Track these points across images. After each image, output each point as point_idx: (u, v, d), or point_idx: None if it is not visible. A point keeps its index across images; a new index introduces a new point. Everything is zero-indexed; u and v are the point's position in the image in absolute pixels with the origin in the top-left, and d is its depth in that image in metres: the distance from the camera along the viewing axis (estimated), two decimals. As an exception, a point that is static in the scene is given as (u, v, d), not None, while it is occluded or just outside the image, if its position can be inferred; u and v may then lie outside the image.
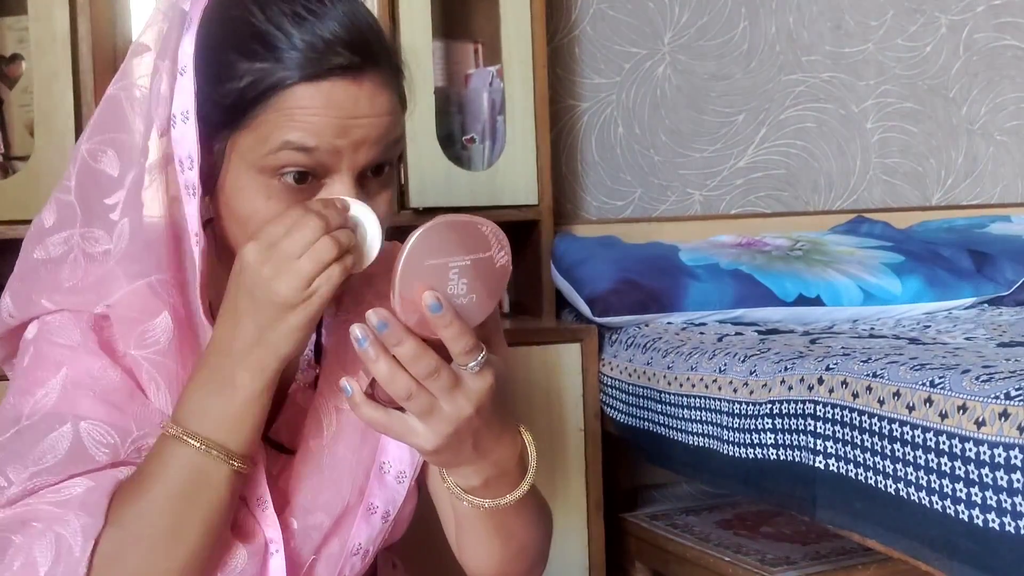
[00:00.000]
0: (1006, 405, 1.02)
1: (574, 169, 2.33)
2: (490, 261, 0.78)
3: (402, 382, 0.75)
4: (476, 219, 0.77)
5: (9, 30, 1.77)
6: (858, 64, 2.58)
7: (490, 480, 0.85)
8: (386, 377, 0.75)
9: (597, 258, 1.98)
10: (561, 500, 1.81)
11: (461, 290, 0.76)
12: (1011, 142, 2.75)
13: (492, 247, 0.78)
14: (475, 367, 0.77)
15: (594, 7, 2.33)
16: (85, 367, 0.84)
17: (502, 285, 0.80)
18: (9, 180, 1.70)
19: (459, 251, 0.76)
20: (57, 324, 0.86)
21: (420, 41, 1.91)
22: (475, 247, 0.77)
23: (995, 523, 1.01)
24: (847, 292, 1.95)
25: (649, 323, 1.87)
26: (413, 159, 1.89)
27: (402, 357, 0.75)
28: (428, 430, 0.78)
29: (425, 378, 0.76)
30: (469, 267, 0.76)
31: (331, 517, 0.92)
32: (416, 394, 0.76)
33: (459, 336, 0.75)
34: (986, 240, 2.25)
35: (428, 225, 0.75)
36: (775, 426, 1.37)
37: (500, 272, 0.78)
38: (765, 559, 1.68)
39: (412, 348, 0.75)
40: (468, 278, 0.76)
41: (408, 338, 0.75)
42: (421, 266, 0.74)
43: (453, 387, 0.77)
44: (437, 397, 0.77)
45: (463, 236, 0.76)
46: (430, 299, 0.74)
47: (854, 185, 2.59)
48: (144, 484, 0.80)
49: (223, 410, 0.80)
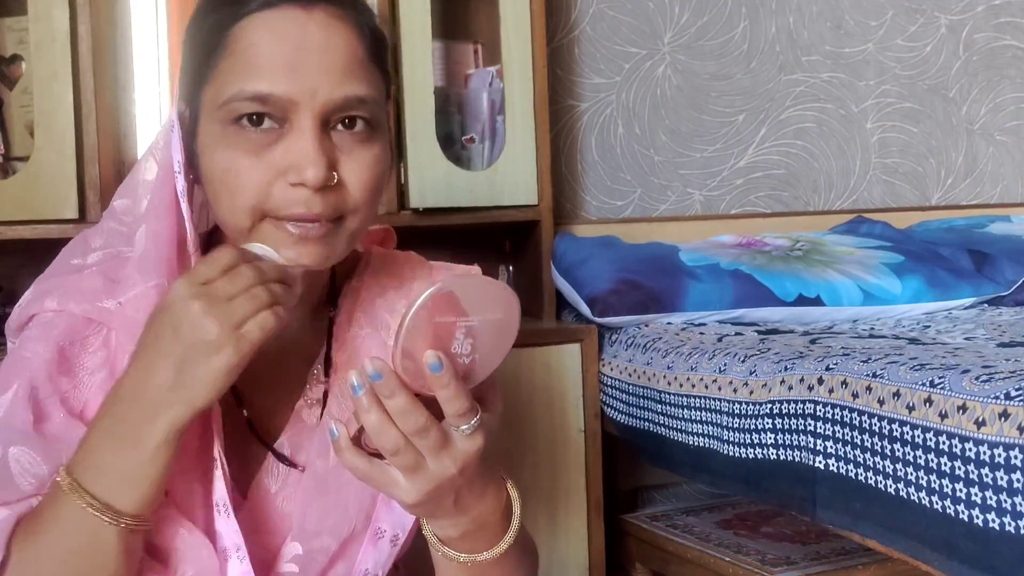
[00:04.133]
0: (1006, 405, 1.02)
1: (574, 169, 2.33)
2: (500, 323, 0.75)
3: (391, 436, 0.73)
4: (490, 281, 0.76)
5: (9, 31, 1.77)
6: (858, 64, 2.58)
7: (468, 533, 0.83)
8: (375, 429, 0.74)
9: (597, 258, 1.98)
10: (561, 500, 1.81)
11: (465, 350, 0.74)
12: (1011, 142, 2.75)
13: (503, 309, 0.75)
14: (467, 430, 0.75)
15: (594, 7, 2.33)
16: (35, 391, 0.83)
17: (509, 345, 0.77)
18: (9, 180, 1.70)
19: (469, 311, 0.73)
20: (32, 336, 0.86)
21: (420, 41, 1.91)
22: (487, 308, 0.74)
23: (995, 523, 1.01)
24: (847, 292, 1.95)
25: (649, 323, 1.87)
26: (413, 159, 1.89)
27: (393, 411, 0.73)
28: (410, 485, 0.76)
29: (414, 435, 0.74)
30: (477, 328, 0.74)
31: (337, 541, 0.90)
32: (403, 450, 0.74)
33: (455, 398, 0.73)
34: (986, 240, 2.25)
35: (443, 281, 0.73)
36: (775, 426, 1.37)
37: (508, 333, 0.76)
38: (765, 559, 1.68)
39: (404, 403, 0.73)
40: (474, 338, 0.74)
41: (401, 393, 0.73)
42: (429, 323, 0.72)
43: (441, 447, 0.75)
44: (423, 455, 0.75)
45: (475, 296, 0.74)
46: (432, 359, 0.72)
47: (854, 185, 2.59)
48: (40, 531, 0.78)
49: (120, 468, 0.77)
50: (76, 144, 1.69)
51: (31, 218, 1.68)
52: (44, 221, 1.68)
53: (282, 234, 0.82)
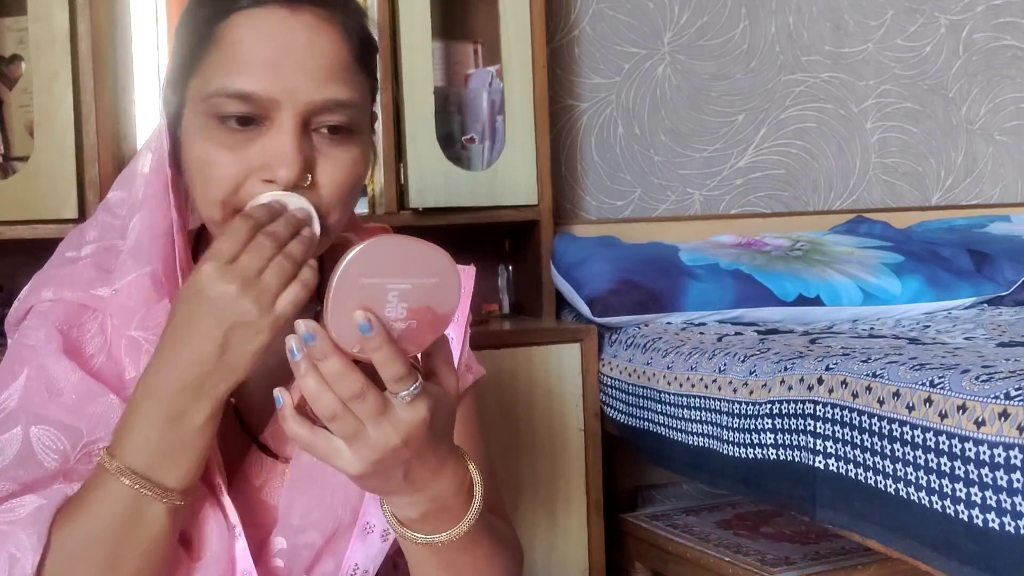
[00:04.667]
0: (1006, 405, 1.02)
1: (573, 169, 2.33)
2: (436, 289, 0.72)
3: (327, 401, 0.71)
4: (426, 244, 0.72)
5: (9, 30, 1.77)
6: (858, 64, 2.58)
7: (428, 514, 0.81)
8: (312, 393, 0.71)
9: (597, 258, 1.98)
10: (561, 500, 1.81)
11: (400, 314, 0.71)
12: (1011, 142, 2.75)
13: (441, 275, 0.72)
14: (406, 396, 0.72)
15: (594, 7, 2.33)
16: (45, 370, 0.84)
17: (449, 313, 0.73)
18: (9, 180, 1.70)
19: (402, 273, 0.70)
20: (32, 324, 0.88)
21: (420, 41, 1.91)
22: (421, 272, 0.71)
23: (995, 523, 1.01)
24: (847, 292, 1.95)
25: (649, 323, 1.87)
26: (413, 159, 1.89)
27: (326, 374, 0.71)
28: (353, 455, 0.73)
29: (350, 400, 0.71)
30: (411, 292, 0.71)
31: (323, 536, 0.90)
32: (341, 416, 0.72)
33: (390, 361, 0.71)
34: (986, 240, 2.25)
35: (371, 240, 0.70)
36: (775, 426, 1.37)
37: (447, 300, 0.73)
38: (765, 559, 1.68)
39: (337, 366, 0.70)
40: (409, 303, 0.71)
41: (334, 355, 0.70)
42: (357, 283, 0.69)
43: (379, 414, 0.72)
44: (363, 422, 0.72)
45: (409, 259, 0.71)
46: (360, 318, 0.69)
47: (854, 185, 2.59)
48: (82, 513, 0.79)
49: (163, 444, 0.78)
50: (76, 144, 1.69)
51: (31, 218, 1.68)
52: (44, 221, 1.68)
53: None
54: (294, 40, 0.82)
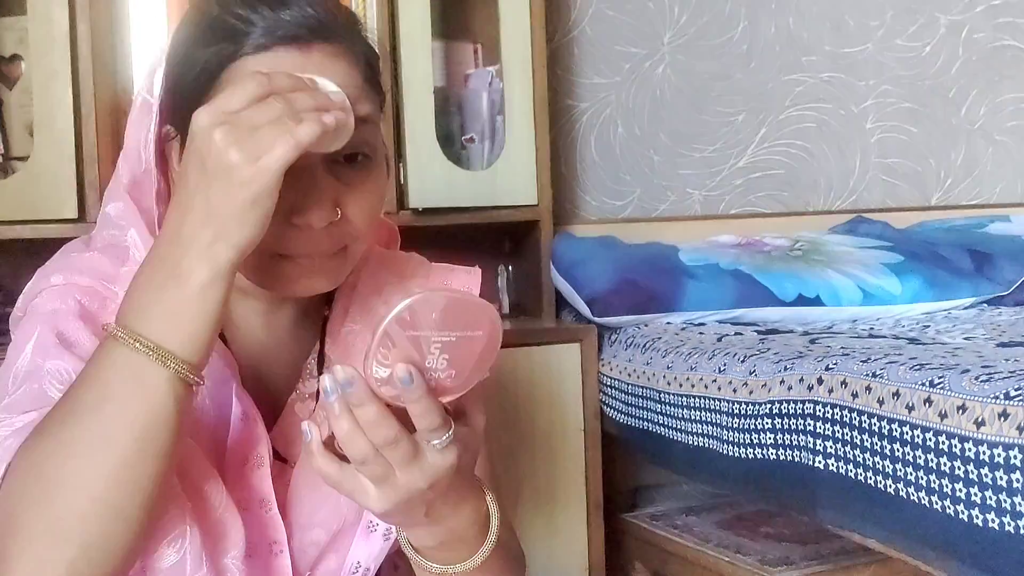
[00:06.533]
0: (1005, 405, 1.02)
1: (573, 169, 2.33)
2: (479, 342, 0.72)
3: (360, 445, 0.71)
4: (474, 299, 0.72)
5: (9, 30, 1.77)
6: (858, 64, 2.58)
7: (445, 543, 0.82)
8: (345, 437, 0.71)
9: (596, 258, 1.98)
10: (561, 500, 1.81)
11: (441, 364, 0.71)
12: (1010, 142, 2.75)
13: (484, 328, 0.72)
14: (439, 445, 0.73)
15: (594, 7, 2.33)
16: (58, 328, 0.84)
17: (488, 364, 0.73)
18: (9, 180, 1.70)
19: (447, 326, 0.70)
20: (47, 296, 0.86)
21: (419, 41, 1.91)
22: (466, 325, 0.71)
23: (995, 523, 1.01)
24: (846, 292, 1.95)
25: (648, 323, 1.87)
26: (412, 159, 1.89)
27: (362, 420, 0.71)
28: (379, 495, 0.74)
29: (383, 446, 0.71)
30: (454, 344, 0.71)
31: (328, 533, 0.90)
32: (372, 460, 0.72)
33: (427, 413, 0.71)
34: (985, 240, 2.25)
35: (421, 296, 0.70)
36: (775, 426, 1.37)
37: (487, 353, 0.73)
38: (765, 559, 1.68)
39: (374, 414, 0.70)
40: (451, 354, 0.71)
41: (371, 403, 0.70)
42: (403, 335, 0.70)
43: (411, 460, 0.73)
44: (393, 466, 0.73)
45: (456, 313, 0.71)
46: (402, 372, 0.69)
47: (854, 185, 2.59)
48: (74, 388, 0.76)
49: (166, 306, 0.74)
50: (76, 144, 1.69)
51: (31, 218, 1.68)
52: (43, 221, 1.68)
53: (288, 267, 0.83)
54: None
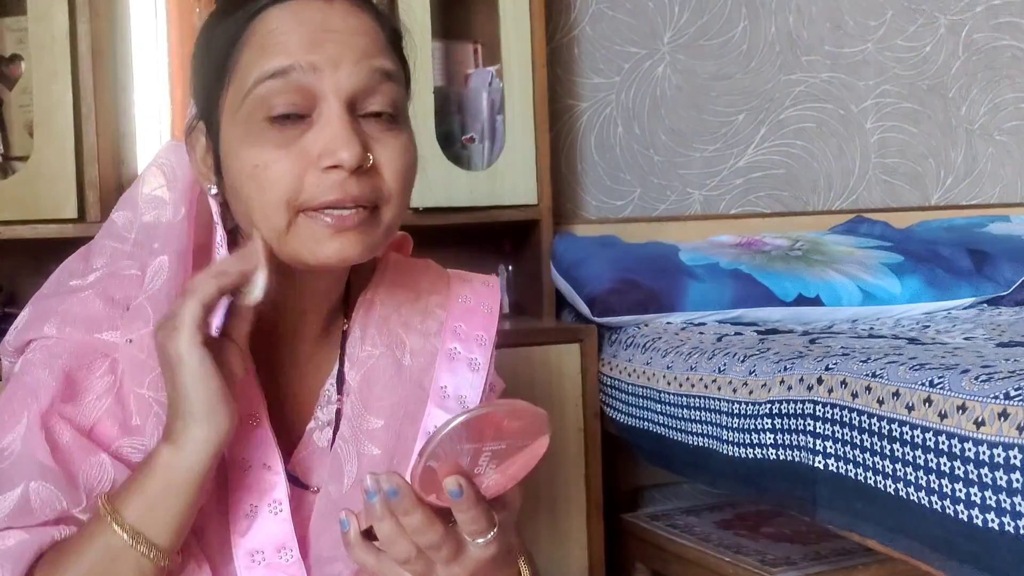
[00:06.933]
0: (1005, 405, 1.02)
1: (573, 169, 2.33)
2: (527, 449, 0.72)
3: (403, 547, 0.72)
4: (527, 408, 0.71)
5: (9, 30, 1.77)
6: (858, 64, 2.58)
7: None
8: (388, 539, 0.72)
9: (597, 258, 1.98)
10: (561, 500, 1.81)
11: (489, 470, 0.72)
12: (1010, 142, 2.75)
13: (534, 435, 0.72)
14: (483, 543, 0.73)
15: (593, 7, 2.33)
16: (46, 419, 0.81)
17: (533, 464, 0.74)
18: (9, 180, 1.70)
19: (497, 436, 0.71)
20: (35, 361, 0.84)
21: (420, 41, 1.89)
22: (515, 435, 0.71)
23: (995, 523, 1.01)
24: (846, 292, 1.95)
25: (649, 323, 1.87)
26: (413, 159, 1.89)
27: (407, 526, 0.71)
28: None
29: (427, 548, 0.72)
30: (503, 451, 0.71)
31: (349, 568, 0.88)
32: (415, 560, 0.73)
33: (475, 520, 0.72)
34: (985, 240, 2.25)
35: (477, 411, 0.70)
36: (775, 426, 1.37)
37: (534, 455, 0.73)
38: (765, 559, 1.68)
39: (420, 522, 0.71)
40: (499, 460, 0.72)
41: (417, 510, 0.71)
42: (455, 448, 0.70)
43: (454, 559, 0.73)
44: (435, 563, 0.74)
45: (507, 423, 0.71)
46: (453, 485, 0.70)
47: (853, 185, 2.59)
48: (66, 557, 0.78)
49: (144, 492, 0.77)
50: (75, 144, 1.69)
51: (31, 218, 1.68)
52: (44, 221, 1.68)
53: (318, 227, 0.79)
54: (331, 23, 0.80)
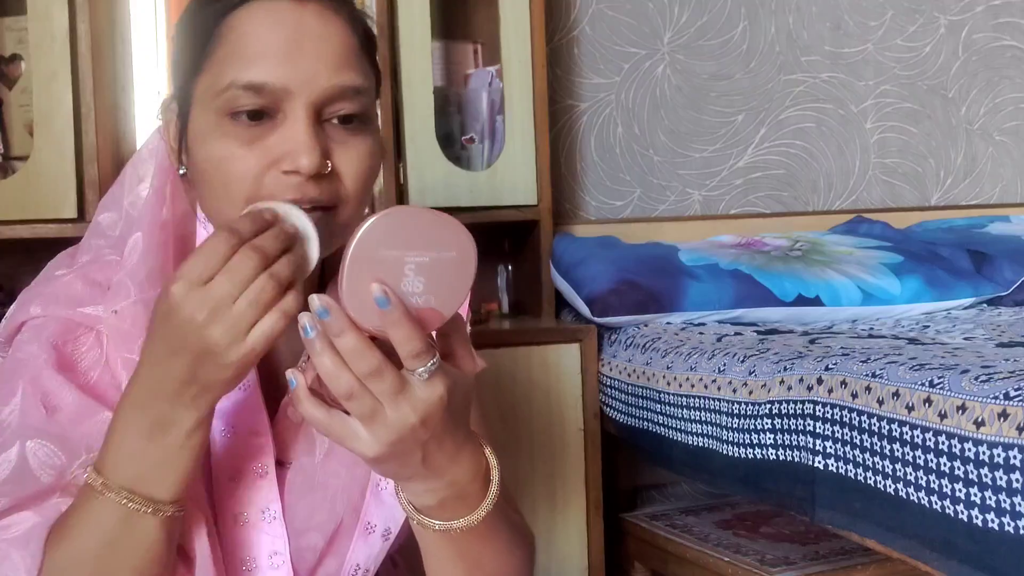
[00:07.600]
0: (1005, 405, 1.02)
1: (573, 169, 2.33)
2: (454, 263, 0.69)
3: (344, 379, 0.69)
4: (443, 216, 0.69)
5: (9, 30, 1.77)
6: (857, 64, 2.58)
7: (446, 501, 0.79)
8: (329, 373, 0.69)
9: (596, 258, 1.98)
10: (561, 500, 1.81)
11: (417, 288, 0.69)
12: (1010, 142, 2.75)
13: (458, 247, 0.70)
14: (424, 373, 0.71)
15: (593, 7, 2.33)
16: (41, 384, 0.83)
17: (464, 292, 0.71)
18: (9, 180, 1.70)
19: (419, 246, 0.68)
20: (25, 338, 0.86)
21: (419, 41, 1.91)
22: (439, 245, 0.69)
23: (995, 523, 1.01)
24: (846, 292, 1.95)
25: (648, 323, 1.87)
26: (412, 159, 1.89)
27: (343, 350, 0.69)
28: (370, 436, 0.72)
29: (367, 377, 0.69)
30: (428, 265, 0.69)
31: (324, 537, 0.90)
32: (358, 395, 0.70)
33: (408, 338, 0.69)
34: (985, 240, 2.25)
35: (388, 210, 0.67)
36: (774, 426, 1.37)
37: (463, 277, 0.70)
38: (765, 559, 1.69)
39: (354, 342, 0.69)
40: (426, 277, 0.69)
41: (351, 331, 0.69)
42: (374, 255, 0.67)
43: (397, 392, 0.70)
44: (381, 401, 0.71)
45: (426, 230, 0.69)
46: (378, 292, 0.67)
47: (853, 185, 2.59)
48: (72, 533, 0.77)
49: (148, 456, 0.75)
50: (75, 144, 1.69)
51: (30, 218, 1.68)
52: (43, 220, 1.68)
53: None
54: (305, 28, 0.81)
